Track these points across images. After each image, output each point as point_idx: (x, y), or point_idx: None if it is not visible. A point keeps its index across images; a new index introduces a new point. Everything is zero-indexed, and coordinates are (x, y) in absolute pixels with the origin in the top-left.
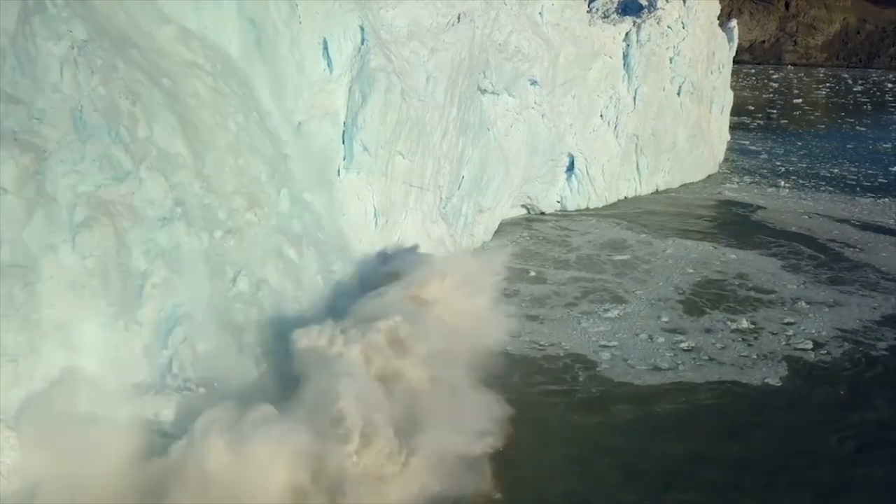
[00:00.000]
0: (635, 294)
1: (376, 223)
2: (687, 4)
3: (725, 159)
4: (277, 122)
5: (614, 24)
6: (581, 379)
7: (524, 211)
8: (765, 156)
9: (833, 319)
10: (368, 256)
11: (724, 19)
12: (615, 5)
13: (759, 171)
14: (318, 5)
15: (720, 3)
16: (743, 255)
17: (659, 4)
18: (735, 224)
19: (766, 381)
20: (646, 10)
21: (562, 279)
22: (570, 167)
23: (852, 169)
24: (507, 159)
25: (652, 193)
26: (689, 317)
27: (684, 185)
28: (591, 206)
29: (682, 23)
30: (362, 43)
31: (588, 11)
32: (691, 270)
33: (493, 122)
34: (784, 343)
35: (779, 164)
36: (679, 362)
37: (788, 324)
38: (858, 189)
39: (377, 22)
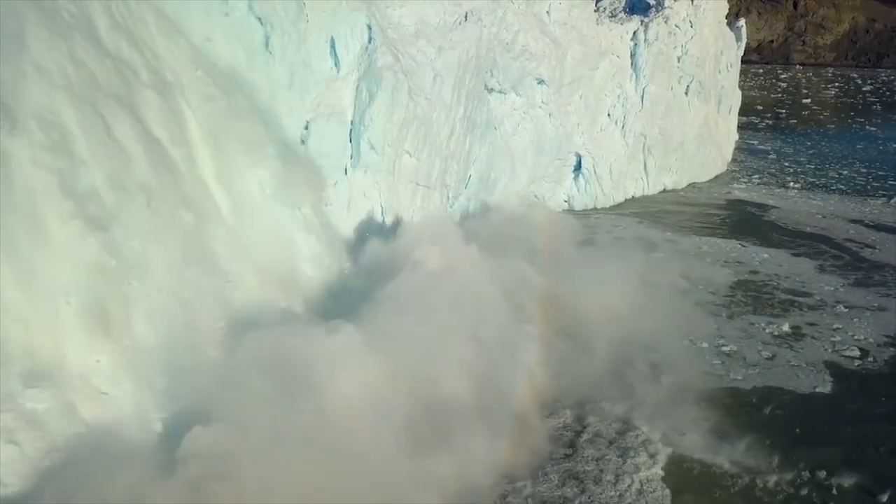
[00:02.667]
0: (670, 297)
1: (383, 222)
2: (695, 3)
3: (734, 159)
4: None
5: (622, 24)
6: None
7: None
8: (773, 156)
9: (876, 324)
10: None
11: (731, 18)
12: (622, 4)
13: (768, 171)
14: (325, 4)
15: (728, 2)
16: (774, 254)
17: (666, 3)
18: (752, 223)
19: (815, 389)
20: (653, 10)
21: (590, 280)
22: (578, 166)
23: (862, 170)
24: (514, 158)
25: (659, 193)
26: (730, 320)
27: (692, 185)
28: (599, 206)
29: (690, 22)
30: (369, 41)
31: (595, 10)
32: (728, 271)
33: (500, 121)
34: (830, 350)
35: (787, 164)
36: (727, 369)
37: (832, 329)
38: (869, 189)
39: (384, 20)
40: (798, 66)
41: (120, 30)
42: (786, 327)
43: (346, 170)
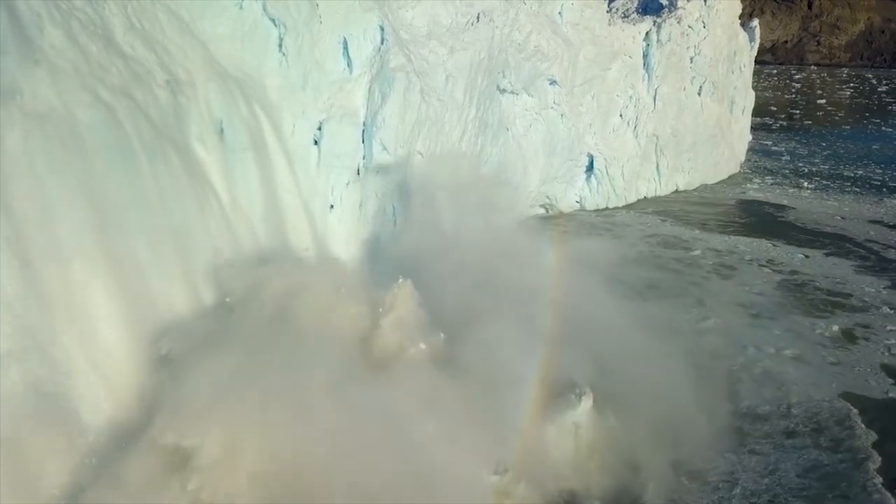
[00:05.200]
0: (720, 298)
1: (395, 222)
2: (708, 4)
3: (747, 160)
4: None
5: (634, 24)
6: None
7: (542, 211)
8: (787, 157)
9: None
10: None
11: (745, 19)
12: (635, 5)
13: (782, 171)
14: (337, 5)
15: (741, 2)
16: (809, 254)
17: (679, 4)
18: (773, 224)
19: (888, 394)
20: (666, 10)
21: (633, 280)
22: (590, 167)
23: (878, 170)
24: (526, 159)
25: (672, 193)
26: (784, 323)
27: (705, 186)
28: (611, 206)
29: (703, 22)
30: (382, 42)
31: (608, 11)
32: (768, 270)
33: (512, 121)
34: (887, 353)
35: (801, 164)
36: (801, 376)
37: (886, 331)
38: (885, 190)
39: (397, 21)
40: (812, 67)
41: (134, 30)
42: (838, 330)
43: (358, 170)
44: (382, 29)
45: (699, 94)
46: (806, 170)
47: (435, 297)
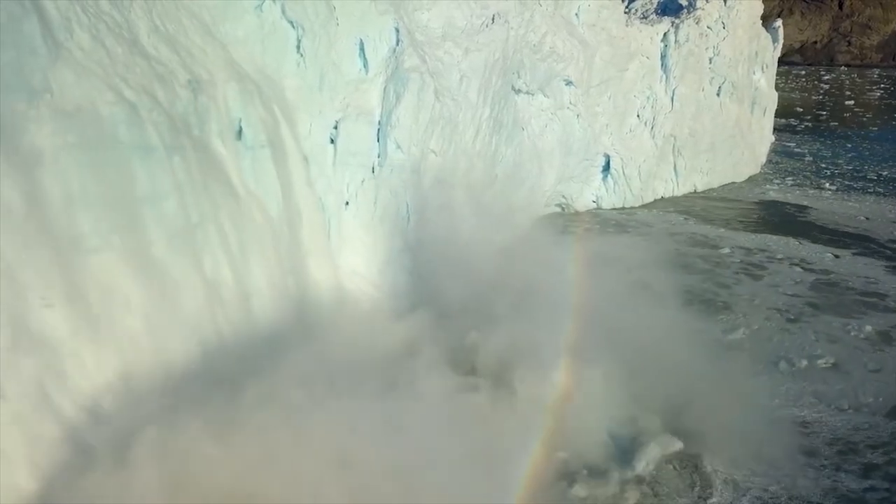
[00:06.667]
0: (753, 303)
1: (409, 219)
2: (728, 4)
3: (768, 161)
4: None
5: (652, 25)
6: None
7: (559, 210)
8: (810, 158)
9: None
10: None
11: (773, 19)
12: (654, 6)
13: (803, 172)
14: (354, 7)
15: (770, 2)
16: (838, 254)
17: (698, 5)
18: (796, 223)
19: None
20: (685, 11)
21: (661, 282)
22: (606, 167)
23: None
24: (542, 159)
25: (689, 194)
26: (817, 327)
27: (723, 186)
28: (627, 206)
29: (723, 23)
30: (397, 44)
31: (626, 12)
32: (799, 270)
33: (527, 121)
34: None
35: (824, 166)
36: (843, 389)
37: None
38: None
39: (412, 23)
40: (843, 68)
41: (158, 33)
42: (874, 333)
43: (373, 168)
44: (398, 31)
45: (718, 94)
46: (828, 171)
47: (450, 299)
